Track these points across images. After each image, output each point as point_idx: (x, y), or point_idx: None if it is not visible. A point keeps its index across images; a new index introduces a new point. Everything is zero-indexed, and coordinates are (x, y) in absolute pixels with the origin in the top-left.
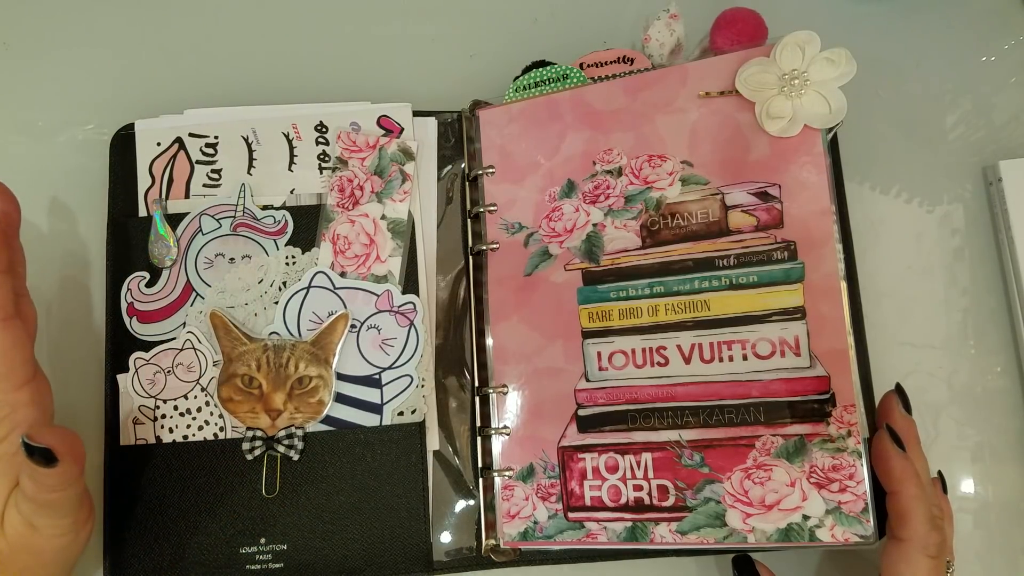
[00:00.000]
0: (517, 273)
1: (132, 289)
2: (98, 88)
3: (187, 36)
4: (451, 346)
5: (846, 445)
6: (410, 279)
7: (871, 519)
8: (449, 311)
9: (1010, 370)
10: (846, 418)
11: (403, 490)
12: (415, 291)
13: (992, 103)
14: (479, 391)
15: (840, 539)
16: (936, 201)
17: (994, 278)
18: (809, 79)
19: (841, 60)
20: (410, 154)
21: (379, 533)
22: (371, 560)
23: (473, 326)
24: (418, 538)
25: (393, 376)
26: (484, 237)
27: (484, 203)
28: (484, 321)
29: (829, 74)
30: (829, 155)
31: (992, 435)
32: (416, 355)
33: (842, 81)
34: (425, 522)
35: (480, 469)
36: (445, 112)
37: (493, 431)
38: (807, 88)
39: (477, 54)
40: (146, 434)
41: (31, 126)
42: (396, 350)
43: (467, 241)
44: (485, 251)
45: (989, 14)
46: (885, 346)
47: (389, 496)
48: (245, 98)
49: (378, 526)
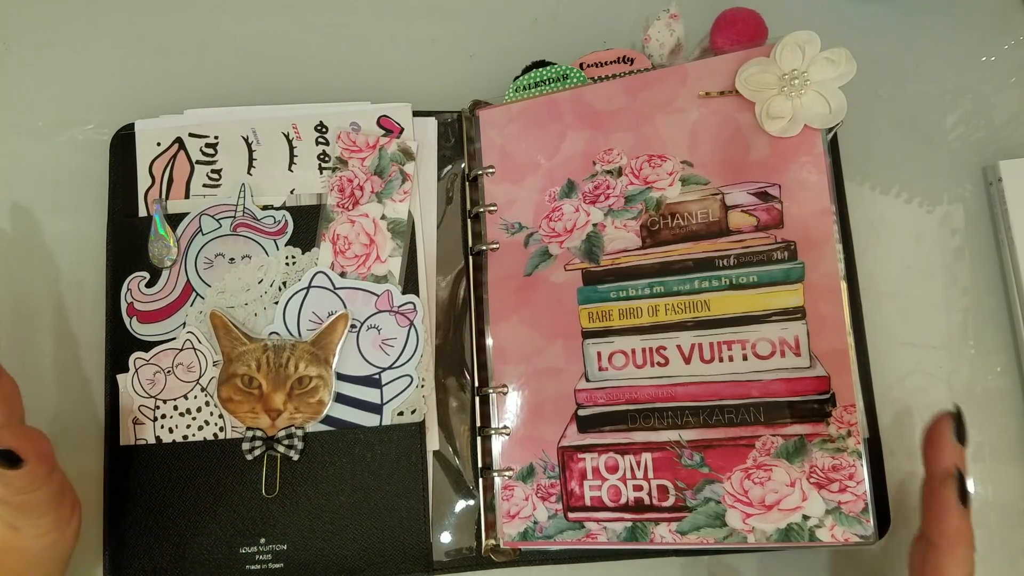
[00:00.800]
0: (517, 273)
1: (132, 289)
2: (98, 88)
3: (187, 36)
4: (451, 346)
5: (846, 445)
6: (410, 279)
7: (871, 519)
8: (449, 311)
9: (1010, 370)
10: (846, 418)
11: (403, 490)
12: (415, 291)
13: (992, 103)
14: (479, 391)
15: (840, 539)
16: (936, 201)
17: (994, 278)
18: (809, 79)
19: (841, 60)
20: (410, 154)
21: (379, 533)
22: (371, 560)
23: (473, 326)
24: (418, 538)
25: (393, 376)
26: (484, 237)
27: (484, 203)
28: (484, 321)
29: (829, 74)
30: (829, 155)
31: (992, 435)
32: (416, 355)
33: (842, 81)
34: (425, 522)
35: (480, 469)
36: (445, 112)
37: (493, 431)
38: (807, 88)
39: (477, 54)
40: (146, 434)
41: (31, 126)
42: (396, 350)
43: (467, 241)
44: (485, 251)
45: (989, 14)
46: (885, 346)
47: (389, 496)
48: (245, 98)
49: (378, 526)
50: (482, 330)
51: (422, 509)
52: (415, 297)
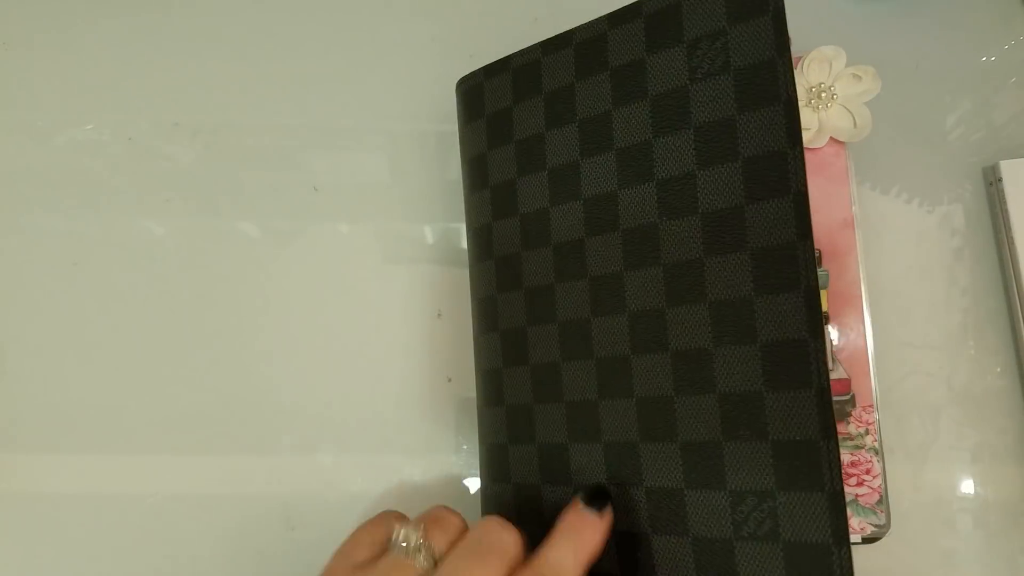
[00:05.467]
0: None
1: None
2: (98, 88)
3: (187, 36)
4: None
5: (864, 443)
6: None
7: (885, 509)
8: None
9: (1010, 370)
10: (864, 418)
11: None
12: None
13: (992, 103)
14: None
15: (856, 528)
16: (936, 201)
17: (994, 278)
18: (836, 93)
19: (867, 77)
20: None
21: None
22: None
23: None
24: None
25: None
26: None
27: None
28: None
29: (854, 89)
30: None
31: (992, 435)
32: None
33: (866, 98)
34: None
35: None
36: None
37: None
38: (833, 102)
39: (477, 54)
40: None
41: (31, 126)
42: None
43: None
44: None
45: (989, 14)
46: (885, 346)
47: None
48: (245, 98)
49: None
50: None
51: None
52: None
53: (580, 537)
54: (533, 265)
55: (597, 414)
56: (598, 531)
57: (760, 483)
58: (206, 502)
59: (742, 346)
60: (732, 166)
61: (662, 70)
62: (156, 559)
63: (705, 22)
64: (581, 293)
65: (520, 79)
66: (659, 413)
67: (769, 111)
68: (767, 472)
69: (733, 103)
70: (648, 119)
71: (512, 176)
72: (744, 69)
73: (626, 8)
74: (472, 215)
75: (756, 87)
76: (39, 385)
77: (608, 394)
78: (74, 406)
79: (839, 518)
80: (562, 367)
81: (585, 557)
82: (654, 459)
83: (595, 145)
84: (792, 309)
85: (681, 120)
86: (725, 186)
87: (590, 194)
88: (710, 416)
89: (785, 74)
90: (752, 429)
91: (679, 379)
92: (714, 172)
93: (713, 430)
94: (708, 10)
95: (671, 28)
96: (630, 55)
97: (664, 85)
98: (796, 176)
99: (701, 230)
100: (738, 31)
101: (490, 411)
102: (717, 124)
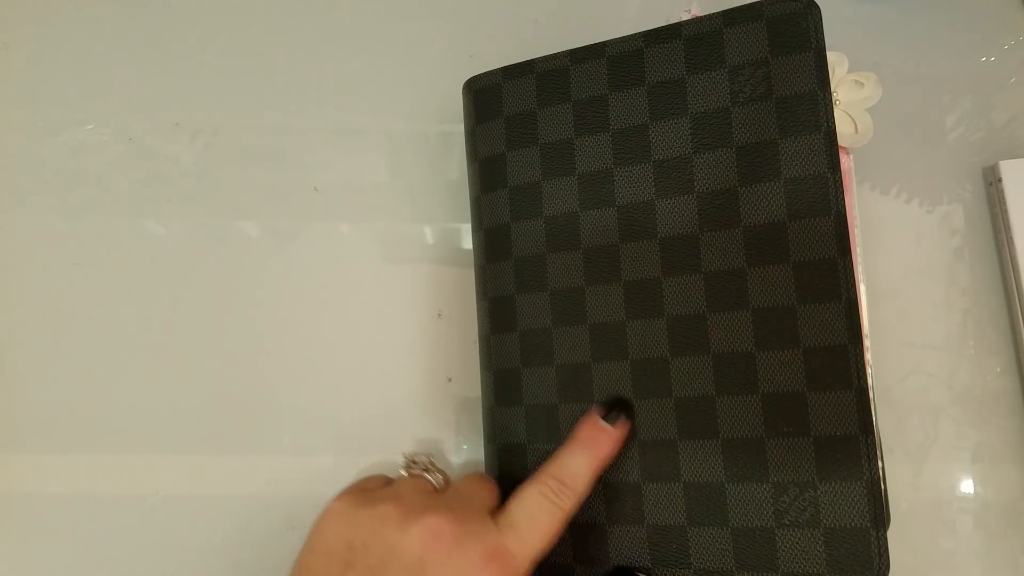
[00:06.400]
0: None
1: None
2: (98, 88)
3: (187, 36)
4: None
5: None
6: None
7: (885, 509)
8: None
9: (1010, 370)
10: None
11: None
12: None
13: (992, 103)
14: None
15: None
16: (936, 201)
17: (994, 278)
18: (838, 99)
19: (869, 83)
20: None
21: None
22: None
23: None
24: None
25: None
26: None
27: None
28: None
29: (856, 95)
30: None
31: (992, 435)
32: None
33: (868, 104)
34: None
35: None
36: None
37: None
38: (836, 107)
39: (477, 54)
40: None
41: (31, 126)
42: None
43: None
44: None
45: (989, 14)
46: (885, 346)
47: None
48: (243, 98)
49: None
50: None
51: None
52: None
53: (595, 445)
54: (560, 267)
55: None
56: (612, 441)
57: (802, 475)
58: (206, 502)
59: (785, 350)
60: (774, 185)
61: (703, 90)
62: (156, 559)
63: (748, 51)
64: (614, 296)
65: (546, 84)
66: (699, 412)
67: (810, 138)
68: (808, 465)
69: (775, 128)
70: (688, 135)
71: (536, 178)
72: (786, 99)
73: (663, 28)
74: (484, 215)
75: (798, 116)
76: (39, 385)
77: (644, 394)
78: (74, 406)
79: (876, 504)
80: (593, 368)
81: (598, 463)
82: (693, 455)
83: (630, 155)
84: (834, 318)
85: (722, 139)
86: (767, 203)
87: (625, 202)
88: (752, 415)
89: (826, 106)
90: (794, 426)
91: (720, 380)
92: (756, 189)
93: (756, 427)
94: (751, 40)
95: (712, 52)
96: (669, 73)
97: (705, 105)
98: (836, 198)
99: (743, 242)
100: (780, 62)
101: (505, 411)
102: (760, 146)
